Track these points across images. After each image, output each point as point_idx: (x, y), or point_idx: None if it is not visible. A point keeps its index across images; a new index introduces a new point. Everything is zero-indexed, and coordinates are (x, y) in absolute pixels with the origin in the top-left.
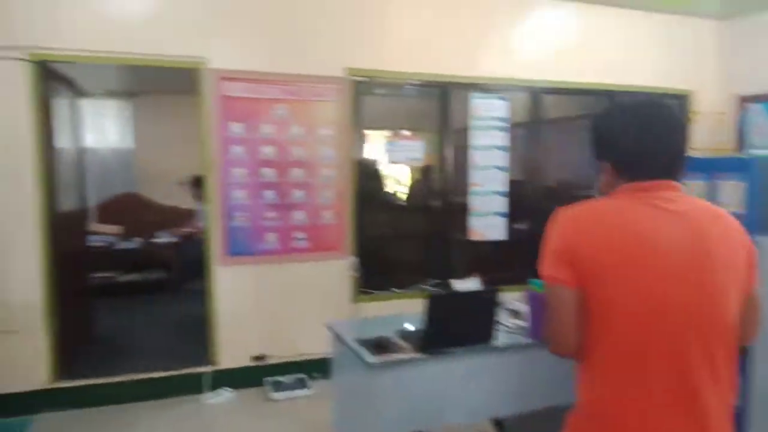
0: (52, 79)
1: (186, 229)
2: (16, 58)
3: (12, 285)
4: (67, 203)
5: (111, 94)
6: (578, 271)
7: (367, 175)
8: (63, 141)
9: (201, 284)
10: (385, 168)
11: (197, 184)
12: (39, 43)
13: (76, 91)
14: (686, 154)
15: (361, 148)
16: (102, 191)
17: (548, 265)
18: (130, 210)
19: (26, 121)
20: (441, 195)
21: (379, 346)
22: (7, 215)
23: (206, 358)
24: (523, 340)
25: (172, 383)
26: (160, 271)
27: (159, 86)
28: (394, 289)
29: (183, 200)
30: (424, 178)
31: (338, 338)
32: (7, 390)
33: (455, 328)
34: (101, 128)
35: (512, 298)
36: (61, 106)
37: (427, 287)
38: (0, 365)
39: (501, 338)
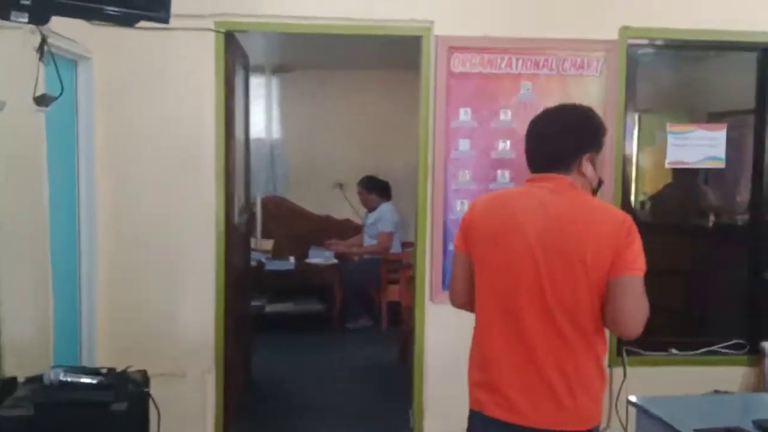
0: (233, 53)
1: (347, 248)
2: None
3: (184, 316)
4: (236, 210)
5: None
6: (469, 241)
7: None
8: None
9: (370, 322)
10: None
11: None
12: (226, 10)
13: (247, 66)
14: (571, 153)
15: (631, 140)
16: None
17: (455, 237)
18: (280, 219)
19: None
20: (750, 211)
21: None
22: (187, 223)
23: (409, 422)
24: None
25: None
26: (315, 301)
27: (313, 60)
28: (674, 350)
29: (338, 208)
30: (717, 184)
31: (650, 417)
32: None
33: None
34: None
35: None
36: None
37: (728, 351)
38: (165, 415)
39: None
